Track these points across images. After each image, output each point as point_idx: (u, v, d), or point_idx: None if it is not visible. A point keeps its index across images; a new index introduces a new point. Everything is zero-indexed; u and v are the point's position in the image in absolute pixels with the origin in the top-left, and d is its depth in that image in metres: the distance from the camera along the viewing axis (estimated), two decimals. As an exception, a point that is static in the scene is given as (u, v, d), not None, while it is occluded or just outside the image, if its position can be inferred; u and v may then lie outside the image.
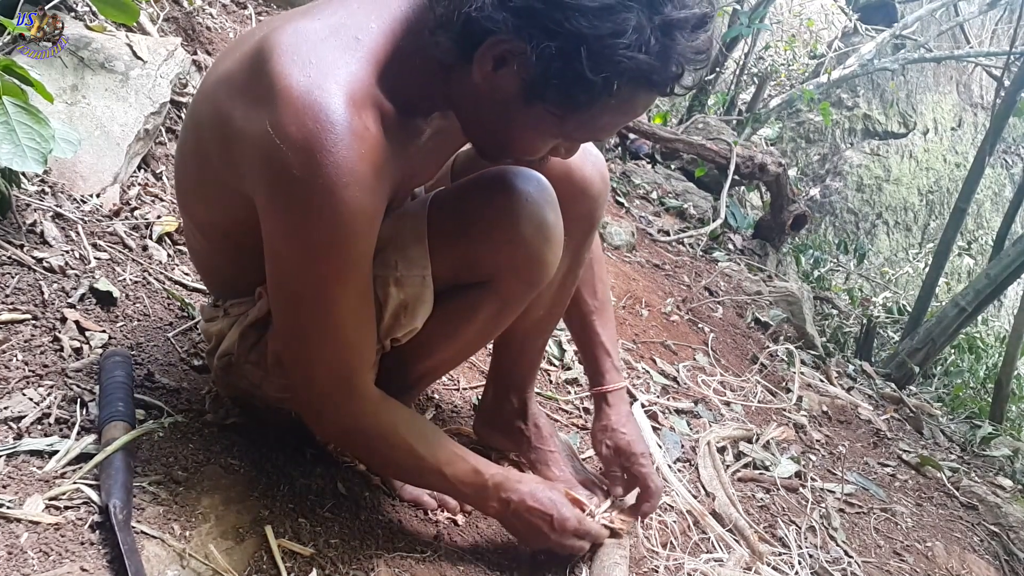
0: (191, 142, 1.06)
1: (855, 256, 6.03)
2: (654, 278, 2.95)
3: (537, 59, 0.86)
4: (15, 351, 1.17)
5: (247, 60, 0.92)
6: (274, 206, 0.91)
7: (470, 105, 0.97)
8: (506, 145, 1.02)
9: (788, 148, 7.88)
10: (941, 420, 3.28)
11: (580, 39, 0.84)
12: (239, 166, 0.94)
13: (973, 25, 7.94)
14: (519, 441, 1.48)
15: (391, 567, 1.13)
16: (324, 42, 0.89)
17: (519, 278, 1.13)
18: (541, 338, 1.44)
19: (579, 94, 0.89)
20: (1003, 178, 9.12)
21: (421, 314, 1.09)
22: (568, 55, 0.85)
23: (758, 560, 1.49)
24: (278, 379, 1.12)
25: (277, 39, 0.89)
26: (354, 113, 0.87)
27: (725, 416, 2.09)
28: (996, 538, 2.20)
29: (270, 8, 2.97)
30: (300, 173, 0.85)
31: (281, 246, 0.93)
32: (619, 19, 0.83)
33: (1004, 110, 4.22)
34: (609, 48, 0.84)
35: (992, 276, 3.70)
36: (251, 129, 0.88)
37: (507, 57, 0.88)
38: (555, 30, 0.84)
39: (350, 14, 0.92)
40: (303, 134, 0.84)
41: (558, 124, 0.94)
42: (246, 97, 0.90)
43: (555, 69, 0.86)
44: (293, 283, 0.96)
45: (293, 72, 0.86)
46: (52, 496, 0.97)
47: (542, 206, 1.10)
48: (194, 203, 1.11)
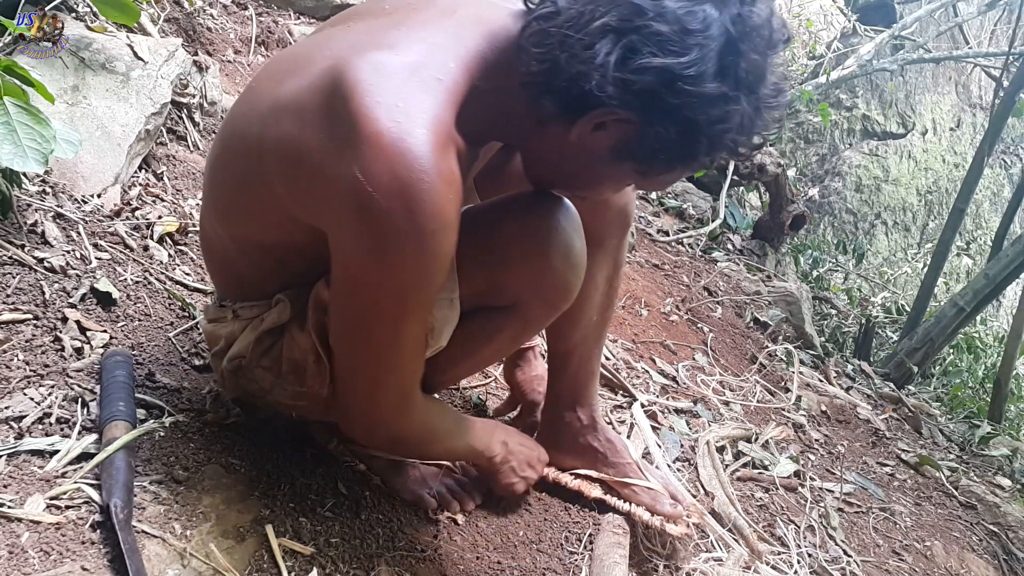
0: (244, 162, 1.01)
1: (854, 256, 6.02)
2: (653, 278, 2.95)
3: (651, 139, 0.90)
4: (16, 351, 1.18)
5: (320, 93, 0.89)
6: (360, 247, 0.89)
7: (547, 152, 1.00)
8: (576, 189, 1.07)
9: (787, 148, 7.87)
10: (940, 420, 3.28)
11: (696, 126, 0.88)
12: (313, 202, 0.92)
13: (972, 26, 7.94)
14: (592, 459, 1.46)
15: (391, 566, 1.13)
16: (407, 83, 0.87)
17: (544, 303, 1.16)
18: (597, 345, 1.45)
19: (678, 164, 0.95)
20: (1002, 178, 9.13)
21: (447, 334, 1.10)
22: (685, 140, 0.90)
23: (757, 559, 1.50)
24: (292, 387, 1.12)
25: (355, 75, 0.86)
26: (442, 158, 0.86)
27: (724, 416, 2.09)
28: (995, 537, 2.20)
29: (270, 9, 2.97)
30: (394, 221, 0.85)
31: (361, 284, 0.93)
32: (731, 106, 0.88)
33: (1003, 110, 4.22)
34: (720, 132, 0.90)
35: (991, 276, 3.70)
36: (335, 172, 0.86)
37: (609, 123, 0.91)
38: (672, 112, 0.87)
39: (428, 52, 0.90)
40: (397, 183, 0.84)
41: (638, 178, 1.00)
42: (325, 136, 0.88)
43: (666, 147, 0.91)
44: (368, 318, 0.95)
45: (380, 116, 0.84)
46: (53, 496, 0.97)
47: (570, 234, 1.12)
48: (239, 217, 1.07)
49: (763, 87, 0.90)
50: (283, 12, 3.01)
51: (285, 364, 1.11)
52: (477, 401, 1.68)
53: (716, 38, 0.85)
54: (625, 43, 0.84)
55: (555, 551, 1.33)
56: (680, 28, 0.84)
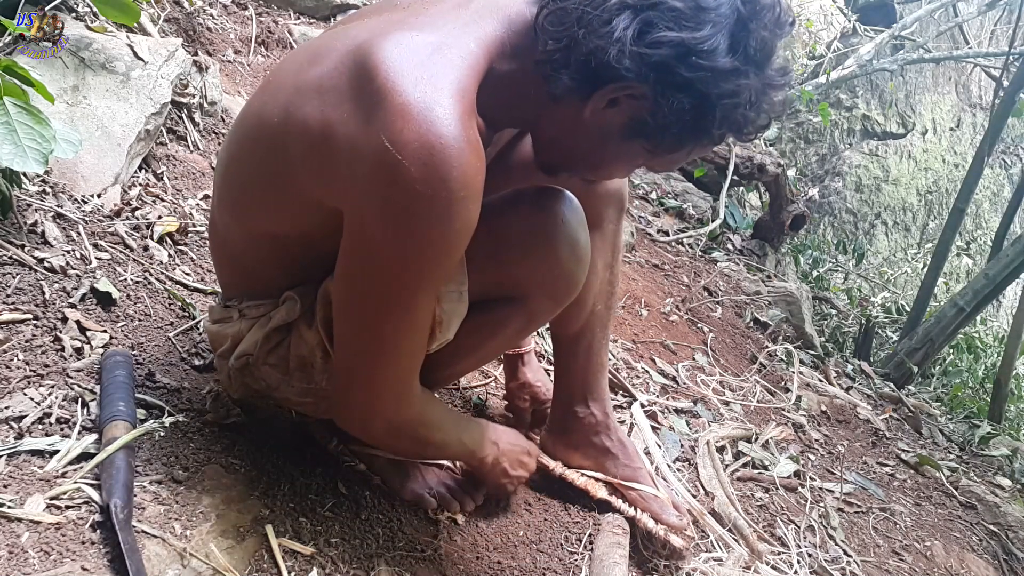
0: (263, 152, 1.01)
1: (854, 256, 6.02)
2: (653, 278, 2.95)
3: (664, 111, 0.91)
4: (16, 351, 1.18)
5: (344, 73, 0.90)
6: (385, 219, 0.89)
7: (559, 131, 1.01)
8: (586, 170, 1.08)
9: (787, 148, 7.88)
10: (940, 420, 3.28)
11: (708, 99, 0.90)
12: (339, 181, 0.92)
13: (972, 26, 7.94)
14: (603, 460, 1.45)
15: (391, 566, 1.13)
16: (431, 58, 0.89)
17: (549, 296, 1.17)
18: (604, 337, 1.45)
19: (689, 141, 0.96)
20: (1002, 178, 9.13)
21: (454, 327, 1.10)
22: (698, 113, 0.91)
23: (757, 559, 1.50)
24: (299, 384, 1.12)
25: (382, 53, 0.88)
26: (470, 127, 0.88)
27: (724, 416, 2.09)
28: (995, 537, 2.20)
29: (270, 9, 2.97)
30: (423, 187, 0.85)
31: (378, 260, 0.92)
32: (741, 80, 0.90)
33: (1003, 110, 4.22)
34: (730, 107, 0.92)
35: (991, 276, 3.70)
36: (363, 145, 0.87)
37: (621, 98, 0.93)
38: (685, 86, 0.89)
39: (450, 33, 0.93)
40: (427, 151, 0.84)
41: (648, 158, 1.01)
42: (351, 112, 0.89)
43: (679, 121, 0.92)
44: (380, 296, 0.95)
45: (407, 87, 0.85)
46: (53, 496, 0.97)
47: (576, 227, 1.13)
48: (255, 210, 1.07)
49: (770, 65, 0.93)
50: (283, 12, 3.01)
51: (293, 361, 1.12)
52: (477, 401, 1.68)
53: (728, 15, 0.89)
54: (642, 18, 0.87)
55: (555, 551, 1.33)
56: (695, 5, 0.88)
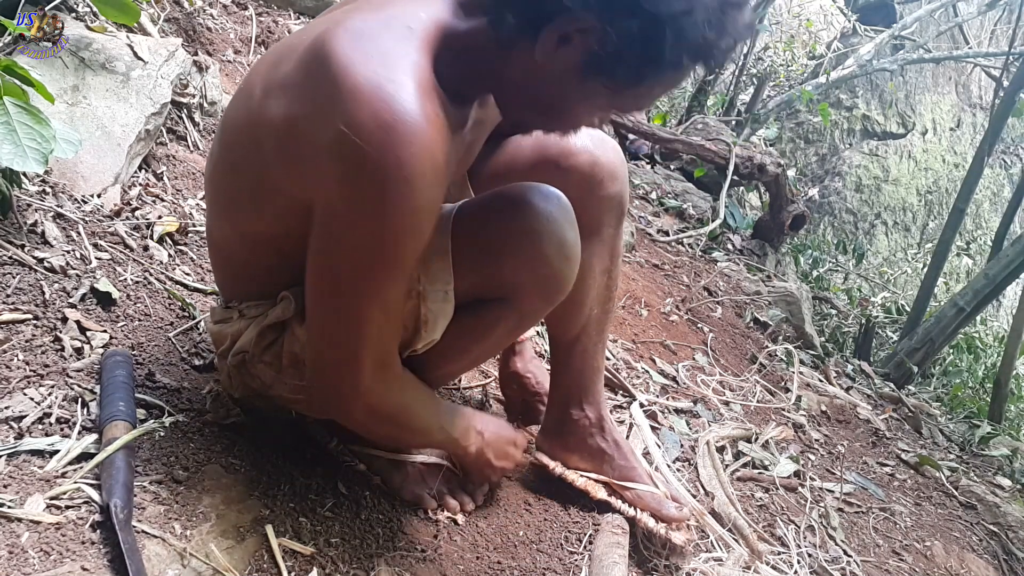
0: (241, 153, 1.02)
1: (854, 256, 6.02)
2: (653, 278, 2.95)
3: (613, 38, 0.86)
4: (16, 351, 1.18)
5: (304, 67, 0.91)
6: (350, 202, 0.89)
7: (519, 82, 0.96)
8: (551, 119, 1.02)
9: (787, 148, 7.88)
10: (940, 420, 3.28)
11: (657, 18, 0.85)
12: (305, 172, 0.92)
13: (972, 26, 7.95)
14: (599, 461, 1.45)
15: (391, 566, 1.13)
16: (381, 36, 0.89)
17: (538, 295, 1.16)
18: (601, 340, 1.44)
19: (647, 71, 0.90)
20: (1002, 178, 9.13)
21: (441, 327, 1.10)
22: (648, 34, 0.86)
23: (757, 559, 1.50)
24: (291, 380, 1.12)
25: (333, 41, 0.88)
26: (426, 101, 0.87)
27: (724, 416, 2.09)
28: (995, 537, 2.20)
29: (270, 9, 2.97)
30: (378, 166, 0.85)
31: (348, 241, 0.92)
32: None
33: (1003, 110, 4.22)
34: (684, 27, 0.85)
35: (991, 276, 3.70)
36: (321, 132, 0.87)
37: (572, 34, 0.88)
38: (632, 6, 0.85)
39: (398, 6, 0.93)
40: (383, 129, 0.84)
41: (611, 97, 0.95)
42: (309, 101, 0.89)
43: (631, 48, 0.87)
44: (353, 277, 0.94)
45: (359, 69, 0.85)
46: (53, 496, 0.97)
47: (563, 225, 1.12)
48: (243, 212, 1.07)
49: None
50: (283, 12, 3.01)
51: (285, 357, 1.12)
52: (477, 401, 1.68)
53: None
54: None
55: (555, 551, 1.33)
56: None
